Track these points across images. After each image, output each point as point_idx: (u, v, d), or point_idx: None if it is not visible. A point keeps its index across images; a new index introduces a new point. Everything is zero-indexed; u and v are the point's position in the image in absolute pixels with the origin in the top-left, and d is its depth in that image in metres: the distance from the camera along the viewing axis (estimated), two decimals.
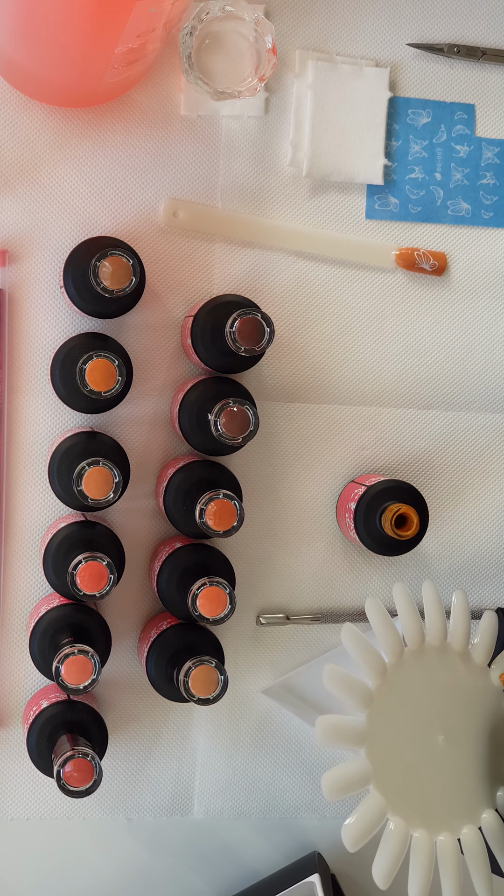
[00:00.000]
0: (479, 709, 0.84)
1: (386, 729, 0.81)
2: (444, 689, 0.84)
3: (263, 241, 0.98)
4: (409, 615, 0.83)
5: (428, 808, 0.82)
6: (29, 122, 0.93)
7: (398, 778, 0.81)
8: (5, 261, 0.93)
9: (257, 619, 0.99)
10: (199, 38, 0.94)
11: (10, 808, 0.97)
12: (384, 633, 0.82)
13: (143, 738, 0.98)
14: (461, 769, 0.83)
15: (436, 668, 0.83)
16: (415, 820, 0.81)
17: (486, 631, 0.86)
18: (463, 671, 0.84)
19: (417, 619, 0.84)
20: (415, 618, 0.84)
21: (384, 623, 0.82)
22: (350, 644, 0.82)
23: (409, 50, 1.00)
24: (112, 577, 0.84)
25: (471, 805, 0.83)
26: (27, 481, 0.95)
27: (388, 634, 0.82)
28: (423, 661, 0.83)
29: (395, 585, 0.85)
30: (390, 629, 0.82)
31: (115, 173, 0.95)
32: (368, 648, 0.82)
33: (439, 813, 0.82)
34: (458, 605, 0.85)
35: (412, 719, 0.83)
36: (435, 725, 0.83)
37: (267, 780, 1.00)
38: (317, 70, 0.97)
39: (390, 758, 0.81)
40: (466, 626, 0.85)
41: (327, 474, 1.00)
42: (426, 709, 0.83)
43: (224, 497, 0.86)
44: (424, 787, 0.82)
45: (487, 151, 1.02)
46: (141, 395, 0.95)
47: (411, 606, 0.84)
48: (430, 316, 1.02)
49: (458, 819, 0.82)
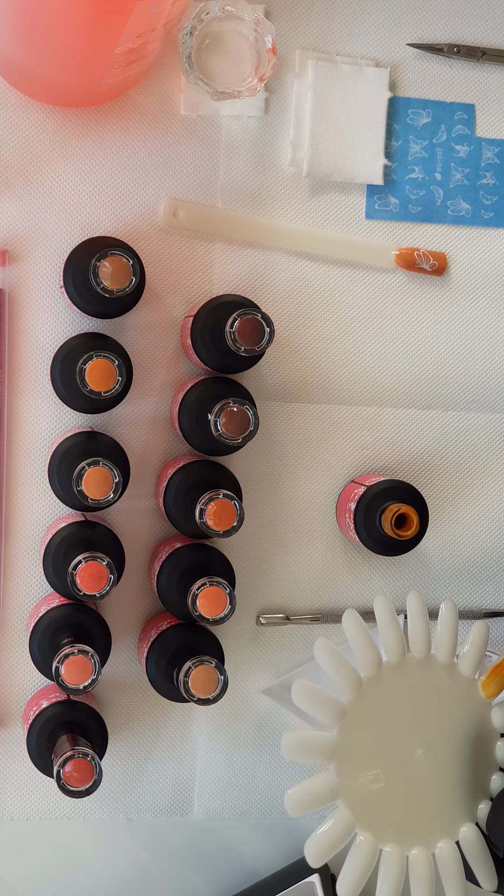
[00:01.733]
0: (463, 721, 0.83)
1: (359, 743, 0.80)
2: (426, 701, 0.82)
3: (263, 241, 0.98)
4: (390, 629, 0.82)
5: (402, 823, 0.80)
6: (29, 122, 0.93)
7: (370, 792, 0.80)
8: (5, 261, 0.93)
9: (257, 619, 1.00)
10: (199, 38, 0.94)
11: (10, 808, 0.97)
12: (361, 648, 0.81)
13: (143, 738, 0.98)
14: (440, 783, 0.82)
15: (418, 680, 0.82)
16: (387, 834, 0.79)
17: (476, 642, 0.85)
18: (448, 683, 0.83)
19: (399, 633, 0.82)
20: (396, 631, 0.82)
21: (362, 637, 0.81)
22: (323, 659, 0.81)
23: (409, 50, 1.00)
24: (112, 577, 0.84)
25: (450, 819, 0.81)
26: (27, 481, 0.95)
27: (366, 649, 0.81)
28: (404, 673, 0.82)
29: (376, 598, 0.83)
30: (367, 643, 0.81)
31: (115, 173, 0.95)
32: (342, 663, 0.80)
33: (415, 827, 0.80)
34: (444, 616, 0.84)
35: (389, 732, 0.81)
36: (414, 738, 0.81)
37: (267, 780, 1.00)
38: (317, 70, 0.97)
39: (363, 772, 0.80)
40: (453, 637, 0.84)
41: (327, 474, 1.00)
42: (405, 722, 0.82)
43: (224, 497, 0.86)
44: (400, 801, 0.81)
45: (487, 151, 1.02)
46: (141, 395, 0.95)
47: (393, 619, 0.82)
48: (430, 316, 1.02)
49: (436, 833, 0.81)
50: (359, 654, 0.81)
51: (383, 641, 0.82)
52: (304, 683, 0.80)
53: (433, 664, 0.83)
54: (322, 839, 0.79)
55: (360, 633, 0.81)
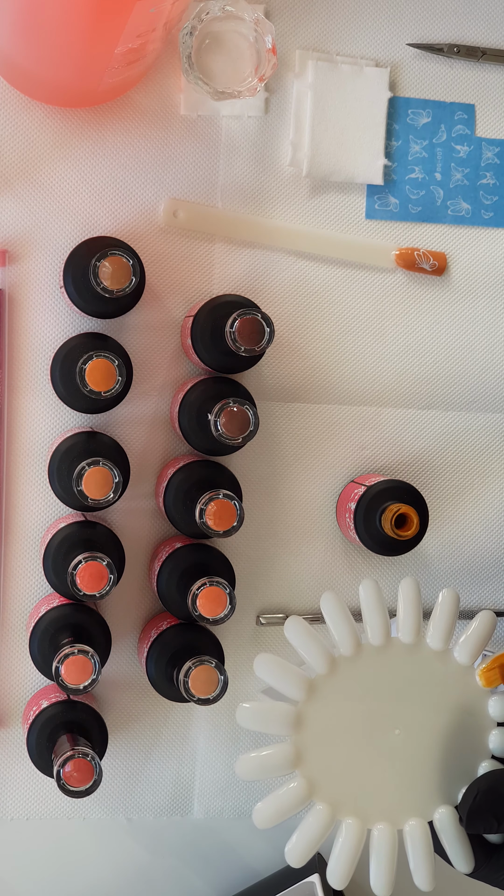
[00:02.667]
0: (452, 708, 0.82)
1: (329, 718, 0.80)
2: (411, 685, 0.82)
3: (263, 241, 0.98)
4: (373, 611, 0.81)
5: (369, 799, 0.80)
6: (29, 122, 0.93)
7: (334, 766, 0.81)
8: (5, 261, 0.93)
9: (257, 619, 1.00)
10: (199, 38, 0.94)
11: (10, 808, 0.97)
12: (336, 626, 0.80)
13: (143, 738, 0.98)
14: (418, 765, 0.81)
15: (403, 663, 0.82)
16: (348, 808, 0.80)
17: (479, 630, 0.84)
18: (439, 669, 0.83)
19: (383, 617, 0.81)
20: (380, 615, 0.81)
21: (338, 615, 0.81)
22: (292, 634, 0.80)
23: (409, 50, 1.00)
24: (112, 577, 0.84)
25: (425, 800, 0.81)
26: (27, 481, 0.95)
27: (341, 627, 0.81)
28: (388, 655, 0.81)
29: (363, 581, 0.83)
30: (344, 622, 0.81)
31: (115, 173, 0.95)
32: (312, 638, 0.80)
33: (383, 804, 0.80)
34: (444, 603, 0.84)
35: (365, 711, 0.81)
36: (393, 719, 0.81)
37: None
38: (317, 70, 0.97)
39: (328, 746, 0.80)
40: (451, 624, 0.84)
41: (327, 474, 1.00)
42: (385, 702, 0.81)
43: (224, 497, 0.86)
44: (369, 778, 0.81)
45: (487, 151, 1.02)
46: (141, 395, 0.95)
47: (378, 602, 0.82)
48: (430, 316, 1.02)
49: (406, 812, 0.81)
50: (334, 631, 0.81)
51: (366, 623, 0.82)
52: (267, 656, 0.80)
53: (423, 649, 0.83)
54: (270, 803, 0.79)
55: (338, 611, 0.81)
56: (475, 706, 0.83)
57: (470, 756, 0.83)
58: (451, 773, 0.82)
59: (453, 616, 0.84)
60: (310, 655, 0.80)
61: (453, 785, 0.82)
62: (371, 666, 0.81)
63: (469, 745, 0.83)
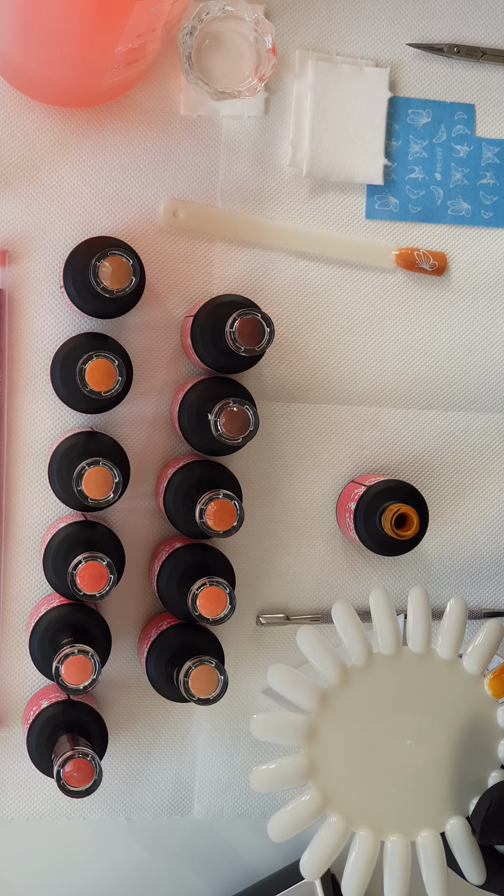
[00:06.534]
0: (462, 718, 0.82)
1: (341, 729, 0.80)
2: (422, 695, 0.82)
3: (263, 241, 0.98)
4: (384, 621, 0.81)
5: (382, 810, 0.80)
6: (29, 122, 0.93)
7: (347, 778, 0.80)
8: (5, 261, 0.93)
9: (257, 619, 1.00)
10: (199, 38, 0.94)
11: (10, 808, 0.97)
12: (349, 636, 0.80)
13: (143, 738, 0.98)
14: (430, 775, 0.81)
15: (414, 673, 0.82)
16: (361, 819, 0.79)
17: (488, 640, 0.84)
18: (448, 679, 0.83)
19: (394, 626, 0.81)
20: (391, 624, 0.81)
21: (351, 626, 0.81)
22: (305, 645, 0.80)
23: (409, 50, 1.00)
24: (112, 577, 0.84)
25: (437, 811, 0.81)
26: (27, 481, 0.95)
27: (354, 638, 0.81)
28: (399, 666, 0.82)
29: (373, 590, 0.83)
30: (356, 632, 0.81)
31: (115, 173, 0.95)
32: (325, 649, 0.80)
33: (396, 815, 0.80)
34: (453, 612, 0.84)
35: (377, 722, 0.81)
36: (405, 730, 0.81)
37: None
38: (317, 70, 0.97)
39: (341, 757, 0.80)
40: (459, 633, 0.84)
41: (327, 474, 1.00)
42: (397, 713, 0.81)
43: (224, 497, 0.86)
44: (381, 789, 0.81)
45: (487, 151, 1.02)
46: (141, 395, 0.95)
47: (389, 612, 0.82)
48: (429, 316, 1.02)
49: (419, 823, 0.81)
50: (346, 642, 0.81)
51: (377, 633, 0.82)
52: (280, 667, 0.80)
53: (433, 659, 0.83)
54: (286, 817, 0.79)
55: (350, 622, 0.81)
56: (485, 716, 0.83)
57: (480, 766, 0.82)
58: (461, 784, 0.82)
59: (462, 625, 0.84)
60: (323, 666, 0.80)
61: (464, 795, 0.82)
62: (382, 676, 0.81)
63: (479, 755, 0.83)
